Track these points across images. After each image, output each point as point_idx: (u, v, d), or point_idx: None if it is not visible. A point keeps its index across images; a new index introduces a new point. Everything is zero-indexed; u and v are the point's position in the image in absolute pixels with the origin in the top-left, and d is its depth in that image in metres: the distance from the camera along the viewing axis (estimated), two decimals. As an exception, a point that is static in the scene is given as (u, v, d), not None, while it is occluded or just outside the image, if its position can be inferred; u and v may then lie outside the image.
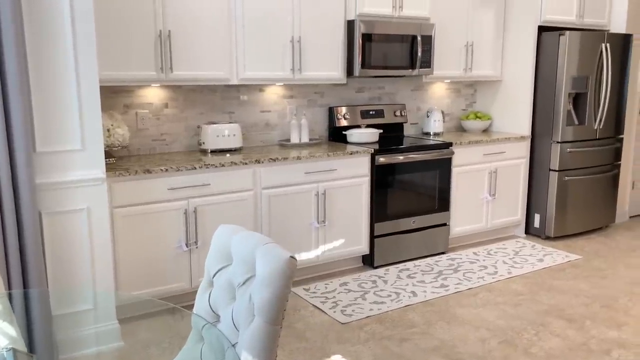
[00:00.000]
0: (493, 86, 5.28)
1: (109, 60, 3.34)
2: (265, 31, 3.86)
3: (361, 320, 3.39)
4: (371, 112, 4.67)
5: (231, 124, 3.90)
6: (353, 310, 3.50)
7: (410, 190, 4.34)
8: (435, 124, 4.96)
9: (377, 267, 4.27)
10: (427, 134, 5.01)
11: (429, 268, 4.27)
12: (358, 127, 4.60)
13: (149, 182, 3.29)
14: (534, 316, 3.44)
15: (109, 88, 3.69)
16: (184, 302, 3.55)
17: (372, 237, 4.22)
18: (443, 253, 4.61)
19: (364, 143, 4.36)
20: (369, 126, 4.66)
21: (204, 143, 3.86)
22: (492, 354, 2.97)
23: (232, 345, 1.63)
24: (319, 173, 3.90)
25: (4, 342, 1.89)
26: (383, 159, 4.14)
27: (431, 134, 4.98)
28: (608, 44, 4.89)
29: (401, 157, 4.23)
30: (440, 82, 5.19)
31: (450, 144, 4.50)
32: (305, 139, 4.26)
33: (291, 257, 1.54)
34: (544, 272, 4.19)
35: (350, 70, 4.24)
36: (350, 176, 4.04)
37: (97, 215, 2.92)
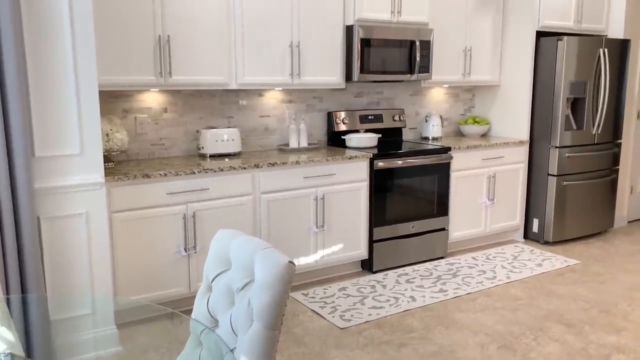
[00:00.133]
0: (491, 91, 5.30)
1: (108, 65, 3.35)
2: (265, 36, 3.87)
3: (360, 325, 3.39)
4: (370, 117, 4.68)
5: (230, 129, 3.91)
6: (352, 315, 3.50)
7: (409, 195, 4.34)
8: (434, 129, 4.97)
9: (375, 272, 4.26)
10: (426, 138, 5.02)
11: (427, 273, 4.26)
12: (357, 131, 4.60)
13: (147, 186, 3.29)
14: (533, 321, 3.44)
15: (108, 93, 3.69)
16: (183, 307, 3.55)
17: (371, 241, 4.22)
18: (442, 258, 4.61)
19: (362, 148, 4.37)
20: (367, 131, 4.67)
21: (203, 148, 3.86)
22: (490, 359, 2.97)
23: (231, 350, 1.63)
24: (317, 178, 3.90)
25: (2, 347, 1.88)
26: (382, 163, 4.14)
27: (430, 138, 4.99)
28: (606, 49, 4.91)
29: (400, 162, 4.23)
30: (439, 87, 5.20)
31: (448, 149, 4.51)
32: (304, 144, 4.26)
33: (290, 262, 1.54)
34: (542, 277, 4.19)
35: (349, 75, 4.25)
36: (349, 181, 4.05)
37: (96, 220, 2.92)
